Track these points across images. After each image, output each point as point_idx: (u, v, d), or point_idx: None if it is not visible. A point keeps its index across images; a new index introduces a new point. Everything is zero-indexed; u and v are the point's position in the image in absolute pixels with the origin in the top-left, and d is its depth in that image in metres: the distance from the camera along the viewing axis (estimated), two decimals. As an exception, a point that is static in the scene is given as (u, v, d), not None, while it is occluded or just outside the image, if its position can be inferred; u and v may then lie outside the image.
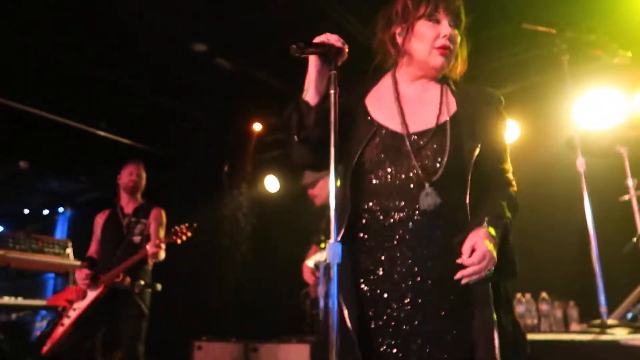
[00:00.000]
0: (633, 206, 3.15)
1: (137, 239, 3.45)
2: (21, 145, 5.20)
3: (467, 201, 1.40)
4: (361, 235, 1.47)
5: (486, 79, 4.55)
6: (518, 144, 4.45)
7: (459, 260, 1.31)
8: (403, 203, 1.42)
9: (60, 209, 8.43)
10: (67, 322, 3.26)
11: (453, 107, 1.52)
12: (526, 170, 4.18)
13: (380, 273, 1.43)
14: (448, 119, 1.49)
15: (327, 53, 1.45)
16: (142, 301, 3.32)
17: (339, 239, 1.30)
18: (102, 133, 5.63)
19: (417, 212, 1.40)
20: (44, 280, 6.25)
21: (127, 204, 3.65)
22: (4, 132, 5.48)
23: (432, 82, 1.57)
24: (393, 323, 1.39)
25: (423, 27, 1.49)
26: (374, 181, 1.47)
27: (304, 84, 1.54)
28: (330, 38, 1.47)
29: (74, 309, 3.30)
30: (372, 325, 1.40)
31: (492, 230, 1.33)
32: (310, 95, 1.50)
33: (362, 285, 1.44)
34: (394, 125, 1.50)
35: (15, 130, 5.42)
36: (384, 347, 1.38)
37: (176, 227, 3.38)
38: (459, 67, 1.58)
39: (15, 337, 4.57)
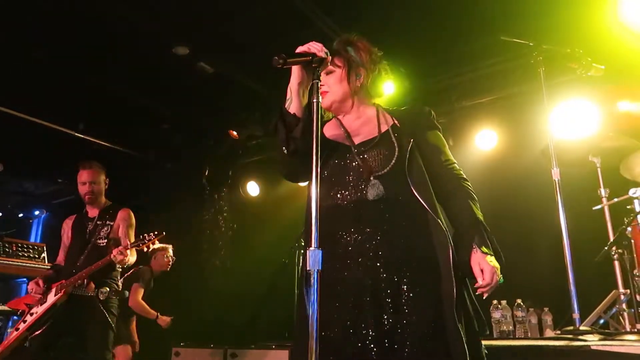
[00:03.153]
0: (605, 215, 3.23)
1: (102, 242, 3.33)
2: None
3: (413, 189, 1.61)
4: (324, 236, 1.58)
5: (465, 89, 4.66)
6: (495, 152, 4.54)
7: (477, 285, 1.56)
8: (352, 195, 1.63)
9: (36, 212, 8.25)
10: (22, 326, 3.14)
11: (390, 121, 1.78)
12: (502, 178, 4.30)
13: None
14: (389, 127, 1.75)
15: (310, 62, 1.50)
16: (107, 308, 3.20)
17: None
18: (80, 135, 5.54)
19: (365, 202, 1.61)
20: (18, 284, 6.11)
21: (91, 209, 3.53)
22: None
23: (365, 108, 1.83)
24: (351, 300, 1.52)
25: None
26: (327, 186, 1.68)
27: (286, 93, 1.62)
28: (312, 47, 1.54)
29: (31, 314, 3.18)
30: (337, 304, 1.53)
31: (485, 249, 1.57)
32: (294, 106, 1.62)
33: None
34: (342, 140, 1.76)
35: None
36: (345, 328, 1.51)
37: (145, 235, 3.26)
38: (369, 87, 1.82)
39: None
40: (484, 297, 1.55)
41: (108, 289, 3.23)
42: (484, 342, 1.65)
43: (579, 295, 2.81)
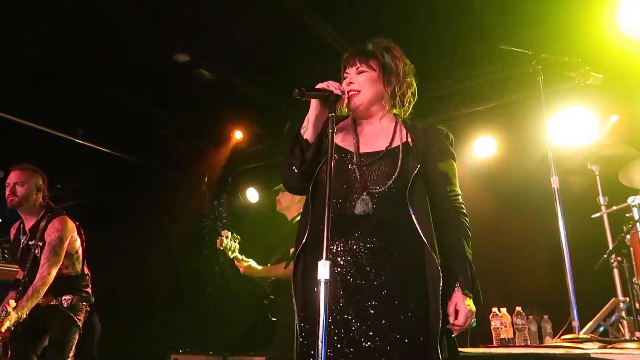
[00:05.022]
0: (604, 223, 3.24)
1: (38, 253, 3.04)
2: (-4, 152, 5.11)
3: (412, 214, 1.61)
4: (314, 242, 1.63)
5: (464, 96, 4.68)
6: (494, 160, 4.55)
7: (449, 326, 1.58)
8: (340, 206, 1.65)
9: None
10: None
11: (404, 137, 1.77)
12: (501, 186, 4.31)
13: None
14: (399, 144, 1.74)
15: (326, 98, 1.64)
16: (73, 314, 3.06)
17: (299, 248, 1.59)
18: (79, 141, 5.55)
19: (351, 215, 1.63)
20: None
21: (26, 217, 3.18)
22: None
23: (386, 118, 1.84)
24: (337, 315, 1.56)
25: (343, 84, 1.81)
26: (324, 192, 1.66)
27: (303, 121, 1.75)
28: (330, 85, 1.66)
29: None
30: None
31: (467, 292, 1.60)
32: (309, 133, 1.74)
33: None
34: (348, 146, 1.77)
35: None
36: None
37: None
38: (397, 99, 1.82)
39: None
40: (451, 336, 1.60)
41: (70, 297, 3.07)
42: (483, 349, 1.67)
43: (578, 303, 2.81)
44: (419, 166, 1.68)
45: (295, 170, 1.73)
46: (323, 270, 1.34)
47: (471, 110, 4.64)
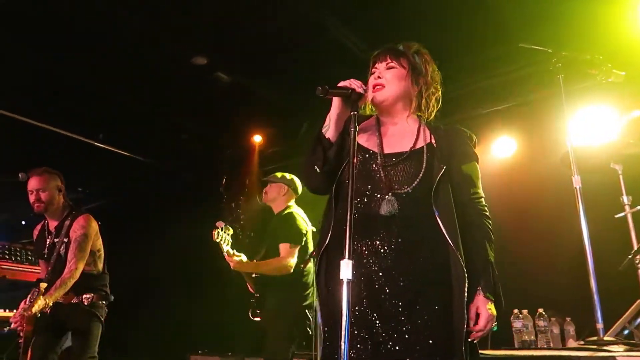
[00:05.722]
0: (628, 223, 3.17)
1: (65, 257, 3.13)
2: (19, 156, 5.21)
3: (437, 216, 1.60)
4: (337, 242, 1.61)
5: (483, 96, 4.63)
6: (514, 159, 4.50)
7: (472, 329, 1.56)
8: (365, 206, 1.64)
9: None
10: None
11: (427, 139, 1.76)
12: (522, 186, 4.25)
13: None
14: (424, 145, 1.73)
15: (349, 96, 1.63)
16: (95, 311, 3.14)
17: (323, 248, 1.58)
18: (100, 145, 5.65)
19: (376, 216, 1.61)
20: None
21: (51, 220, 3.30)
22: (2, 143, 5.49)
23: (410, 118, 1.82)
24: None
25: (370, 79, 1.81)
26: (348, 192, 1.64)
27: (325, 120, 1.74)
28: (352, 83, 1.65)
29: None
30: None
31: (489, 295, 1.59)
32: (331, 132, 1.73)
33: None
34: (372, 147, 1.76)
35: (14, 141, 5.43)
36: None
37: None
38: (422, 101, 1.80)
39: (8, 349, 4.53)
40: (473, 340, 1.59)
41: (91, 295, 3.14)
42: (505, 352, 1.65)
43: (602, 304, 2.76)
44: (444, 167, 1.66)
45: (318, 170, 1.72)
46: (346, 270, 1.34)
47: (490, 110, 4.59)
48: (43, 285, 2.95)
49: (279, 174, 3.71)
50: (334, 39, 4.05)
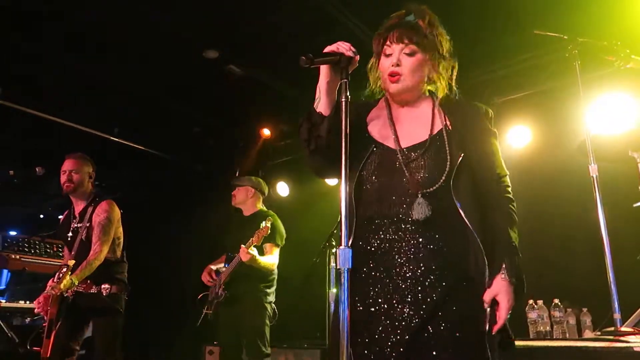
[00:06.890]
0: (647, 212, 3.12)
1: (87, 241, 3.23)
2: (37, 150, 5.29)
3: (460, 209, 1.50)
4: (360, 243, 1.55)
5: (498, 85, 4.57)
6: (530, 148, 4.44)
7: (494, 328, 1.47)
8: (396, 213, 1.52)
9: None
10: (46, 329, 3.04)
11: (443, 120, 1.63)
12: (538, 175, 4.19)
13: (377, 275, 1.53)
14: (442, 128, 1.61)
15: (337, 62, 1.50)
16: (115, 303, 3.19)
17: (349, 244, 1.38)
18: (115, 138, 5.71)
19: (409, 220, 1.51)
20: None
21: (76, 202, 3.42)
22: (20, 137, 5.58)
23: (421, 99, 1.68)
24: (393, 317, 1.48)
25: (382, 61, 1.65)
26: (372, 192, 1.57)
27: (315, 93, 1.60)
28: (340, 47, 1.53)
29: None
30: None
31: (513, 280, 1.47)
32: (322, 105, 1.58)
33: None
34: (388, 142, 1.62)
35: (31, 135, 5.52)
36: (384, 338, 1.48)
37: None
38: (441, 82, 1.66)
39: (28, 340, 4.63)
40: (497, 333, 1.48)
41: (108, 286, 3.17)
42: (520, 342, 1.62)
43: (619, 295, 2.72)
44: (462, 155, 1.55)
45: (306, 150, 1.61)
46: (344, 259, 1.32)
47: (505, 99, 4.53)
48: (72, 262, 3.03)
49: (245, 177, 3.91)
50: (346, 30, 4.02)
